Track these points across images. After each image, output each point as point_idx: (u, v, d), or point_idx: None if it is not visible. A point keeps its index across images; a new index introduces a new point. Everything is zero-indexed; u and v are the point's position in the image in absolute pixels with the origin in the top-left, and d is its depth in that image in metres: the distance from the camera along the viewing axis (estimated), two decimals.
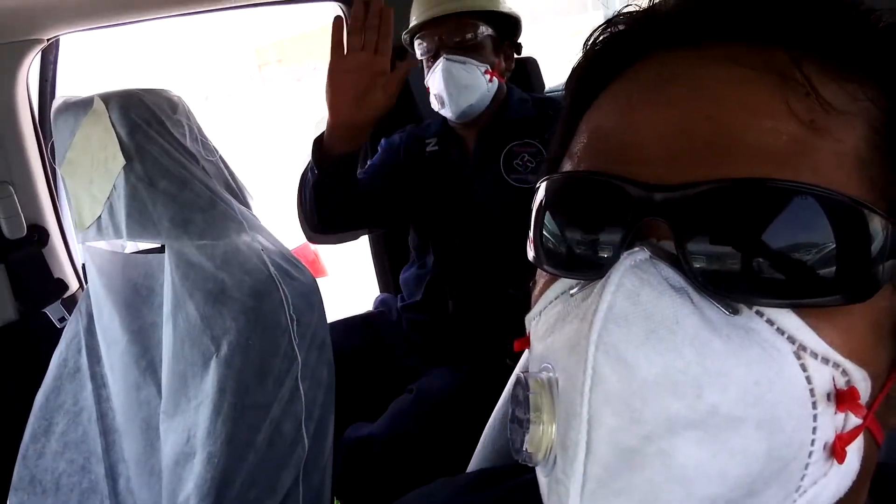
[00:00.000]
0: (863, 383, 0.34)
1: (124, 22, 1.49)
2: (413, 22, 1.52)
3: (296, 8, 1.87)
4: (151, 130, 1.00)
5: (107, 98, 1.01)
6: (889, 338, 0.35)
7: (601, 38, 0.43)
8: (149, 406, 1.09)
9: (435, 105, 1.51)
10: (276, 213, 2.07)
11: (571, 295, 0.37)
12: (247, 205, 1.13)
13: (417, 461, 1.40)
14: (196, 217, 1.00)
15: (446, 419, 1.47)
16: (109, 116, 0.99)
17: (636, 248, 0.34)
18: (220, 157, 1.11)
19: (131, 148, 0.99)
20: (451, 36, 1.46)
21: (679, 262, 0.34)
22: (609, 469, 0.31)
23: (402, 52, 1.60)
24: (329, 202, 1.39)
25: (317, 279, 1.10)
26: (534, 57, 1.99)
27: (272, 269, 1.03)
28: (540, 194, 0.42)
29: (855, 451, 0.34)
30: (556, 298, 0.39)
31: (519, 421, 0.36)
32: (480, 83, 1.46)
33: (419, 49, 1.52)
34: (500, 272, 1.52)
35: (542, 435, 0.34)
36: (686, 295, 0.33)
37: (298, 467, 1.00)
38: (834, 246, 0.32)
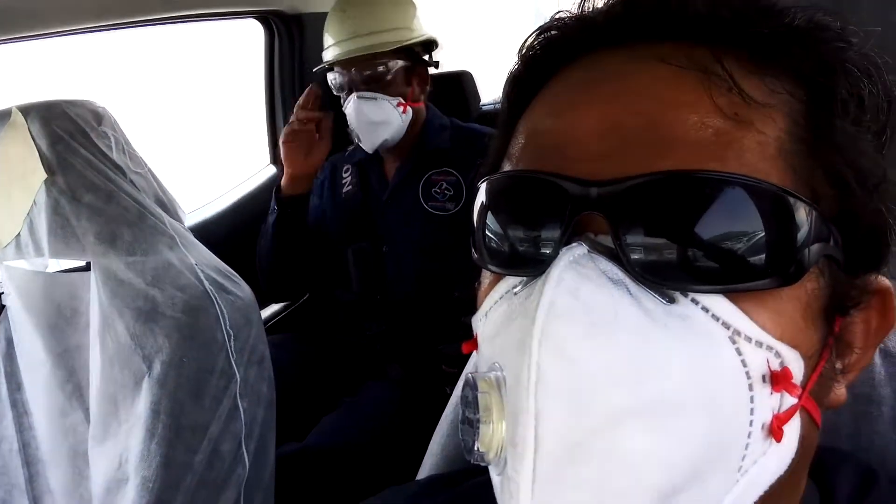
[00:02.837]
0: (796, 364, 0.35)
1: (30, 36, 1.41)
2: (325, 57, 1.53)
3: None
4: (75, 142, 0.95)
5: (26, 109, 0.96)
6: (818, 319, 0.37)
7: (535, 43, 0.44)
8: (76, 432, 1.04)
9: (354, 139, 1.54)
10: None
11: (515, 293, 0.38)
12: (178, 219, 1.09)
13: (353, 474, 1.39)
14: (124, 232, 0.96)
15: (380, 431, 1.47)
16: (29, 128, 0.94)
17: (574, 244, 0.35)
18: (150, 169, 1.07)
19: (53, 161, 0.94)
20: (361, 73, 1.47)
21: (616, 255, 0.35)
22: (558, 463, 0.32)
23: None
24: (287, 241, 1.57)
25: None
26: (469, 71, 2.01)
27: (207, 283, 1.00)
28: (481, 195, 0.42)
29: (793, 430, 0.36)
30: (500, 298, 0.39)
31: (469, 422, 0.36)
32: (393, 117, 1.49)
33: (332, 83, 1.53)
34: (424, 293, 1.55)
35: (492, 434, 0.34)
36: (624, 287, 0.34)
37: (239, 488, 0.97)
38: (762, 233, 0.34)
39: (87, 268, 1.02)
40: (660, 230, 0.35)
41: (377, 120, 1.48)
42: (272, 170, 2.00)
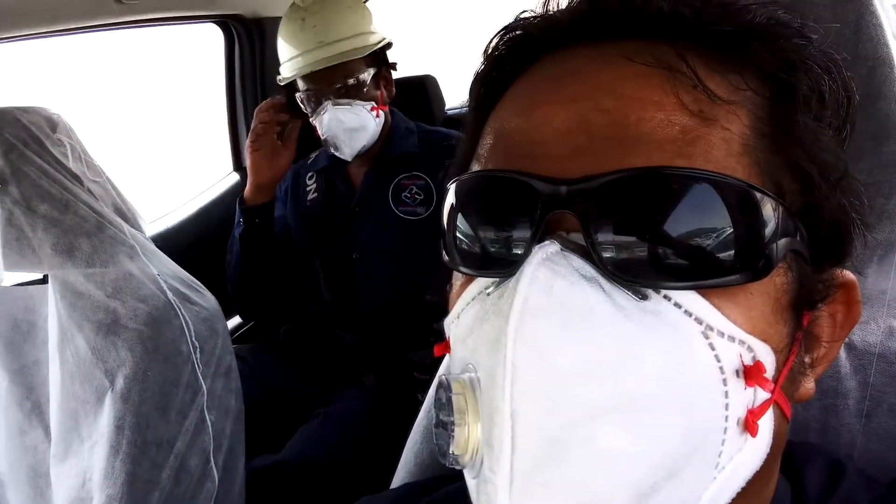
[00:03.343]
0: (767, 358, 0.35)
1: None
2: (288, 70, 1.50)
3: None
4: (28, 151, 0.92)
5: None
6: (787, 313, 0.37)
7: (500, 43, 0.44)
8: (36, 451, 1.00)
9: (328, 148, 1.52)
10: None
11: (488, 294, 0.38)
12: (139, 228, 1.06)
13: (329, 486, 1.36)
14: (82, 242, 0.93)
15: (356, 440, 1.45)
16: None
17: (546, 242, 0.35)
18: (108, 178, 1.04)
19: (6, 170, 0.90)
20: (334, 82, 1.45)
21: (588, 253, 0.35)
22: (535, 462, 0.31)
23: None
24: (255, 252, 1.54)
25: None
26: (433, 75, 2.00)
27: (170, 294, 0.97)
28: (450, 196, 0.42)
29: (766, 424, 0.36)
30: (473, 299, 0.39)
31: (444, 424, 0.35)
32: (369, 123, 1.48)
33: (300, 96, 1.51)
34: (396, 300, 1.53)
35: (467, 436, 0.34)
36: (597, 284, 0.34)
37: None
38: (731, 228, 0.34)
39: (44, 280, 0.99)
40: (630, 227, 0.35)
41: (355, 126, 1.46)
42: (235, 177, 1.97)
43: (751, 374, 0.34)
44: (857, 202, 0.39)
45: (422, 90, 1.90)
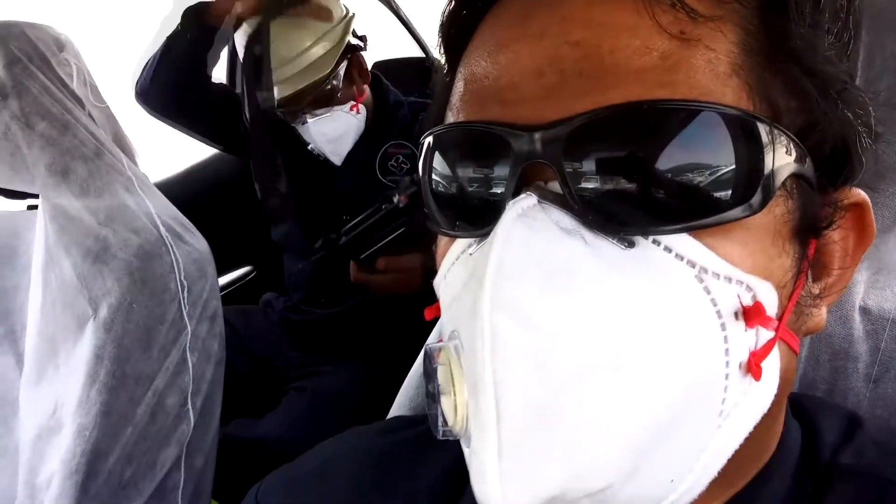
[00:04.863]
0: (769, 295, 0.34)
1: None
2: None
3: None
4: (32, 66, 0.89)
5: None
6: (790, 244, 0.35)
7: None
8: (4, 378, 0.96)
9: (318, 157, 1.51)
10: None
11: (470, 254, 0.36)
12: (134, 162, 1.03)
13: None
14: (78, 166, 0.90)
15: (347, 421, 1.41)
16: None
17: (522, 195, 0.33)
18: (109, 107, 1.01)
19: (7, 82, 0.87)
20: (304, 101, 1.42)
21: (568, 203, 0.32)
22: (524, 430, 0.30)
23: None
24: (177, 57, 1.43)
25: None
26: (435, 55, 1.99)
27: (163, 230, 0.95)
28: (424, 152, 0.40)
29: (772, 364, 0.35)
30: (457, 259, 0.37)
31: (432, 395, 0.34)
32: (351, 124, 1.48)
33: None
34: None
35: (455, 406, 0.32)
36: (579, 236, 0.32)
37: (181, 446, 0.92)
38: (721, 161, 0.32)
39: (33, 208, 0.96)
40: (611, 171, 0.32)
41: (339, 134, 1.47)
42: None
43: (751, 315, 0.33)
44: (861, 112, 0.36)
45: (425, 72, 1.89)
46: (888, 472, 0.39)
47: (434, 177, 0.39)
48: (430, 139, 0.39)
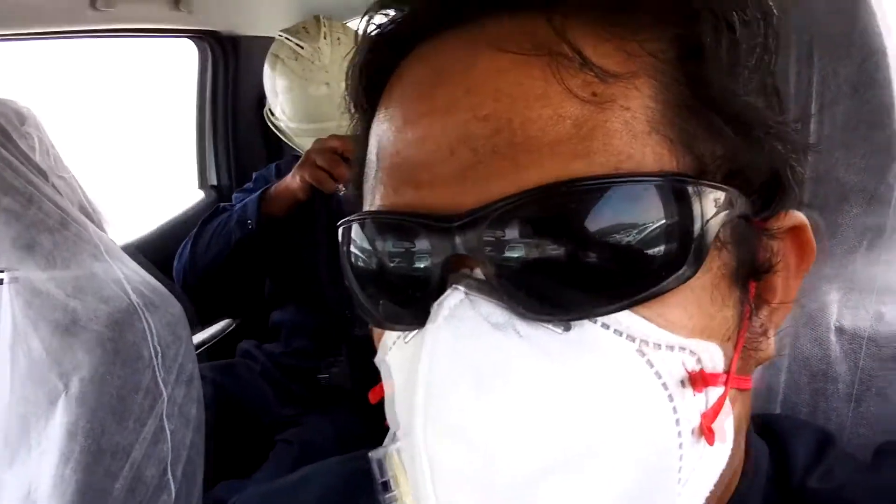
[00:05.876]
0: (715, 355, 0.33)
1: None
2: (298, 139, 1.50)
3: None
4: None
5: None
6: (730, 291, 0.34)
7: (368, 31, 0.39)
8: None
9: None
10: None
11: (406, 342, 0.34)
12: (102, 229, 1.02)
13: None
14: (43, 239, 0.89)
15: None
16: None
17: (448, 292, 0.31)
18: (74, 177, 1.00)
19: None
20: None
21: (496, 292, 0.31)
22: None
23: None
24: (247, 258, 1.45)
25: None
26: None
27: (133, 296, 0.93)
28: (342, 240, 0.38)
29: (725, 420, 0.33)
30: (393, 344, 0.36)
31: (385, 486, 0.33)
32: None
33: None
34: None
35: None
36: (511, 329, 0.30)
37: None
38: (647, 232, 0.30)
39: None
40: (537, 256, 0.31)
41: None
42: (200, 194, 1.92)
43: (697, 380, 0.32)
44: (790, 143, 0.34)
45: None
46: (857, 494, 0.38)
47: (358, 264, 0.37)
48: (349, 227, 0.37)
